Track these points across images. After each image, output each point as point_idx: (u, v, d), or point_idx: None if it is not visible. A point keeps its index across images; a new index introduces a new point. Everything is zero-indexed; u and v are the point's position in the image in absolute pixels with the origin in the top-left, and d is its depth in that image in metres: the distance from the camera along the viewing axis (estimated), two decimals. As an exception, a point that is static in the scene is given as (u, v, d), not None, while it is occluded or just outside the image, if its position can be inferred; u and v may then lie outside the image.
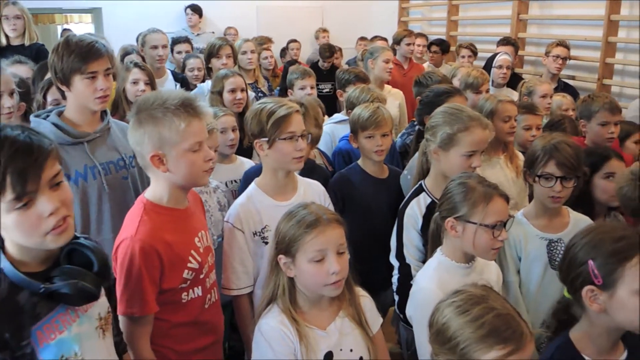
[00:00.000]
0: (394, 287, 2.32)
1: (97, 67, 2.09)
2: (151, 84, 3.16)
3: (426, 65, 5.68)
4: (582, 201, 2.32)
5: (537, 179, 2.15)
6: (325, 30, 7.52)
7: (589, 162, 2.37)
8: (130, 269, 1.66)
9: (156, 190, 1.78)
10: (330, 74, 5.49)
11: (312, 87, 3.54)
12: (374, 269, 2.34)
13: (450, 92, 2.84)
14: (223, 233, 2.50)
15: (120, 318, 1.66)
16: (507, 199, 1.84)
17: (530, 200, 2.34)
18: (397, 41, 5.56)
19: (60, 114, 2.17)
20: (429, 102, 2.72)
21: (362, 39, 7.01)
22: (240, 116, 2.99)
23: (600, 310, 1.42)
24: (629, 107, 3.96)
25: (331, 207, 2.30)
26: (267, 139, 2.09)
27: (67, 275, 1.27)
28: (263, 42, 6.12)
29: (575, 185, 2.15)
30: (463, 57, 5.48)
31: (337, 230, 1.64)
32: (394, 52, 5.04)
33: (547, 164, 2.13)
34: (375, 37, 6.16)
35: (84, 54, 2.05)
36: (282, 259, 1.64)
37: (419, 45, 5.86)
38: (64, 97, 2.22)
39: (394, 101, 3.98)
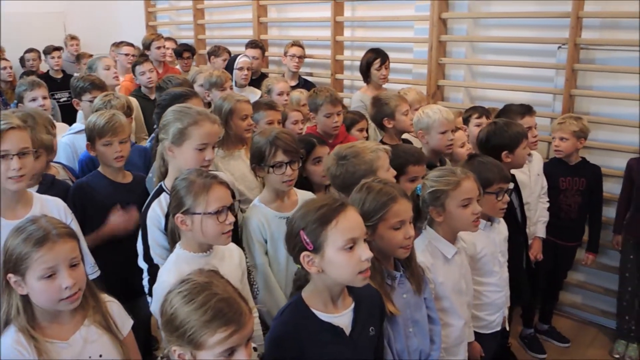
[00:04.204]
0: (146, 289, 2.32)
1: None
2: None
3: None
4: (303, 184, 2.61)
5: (270, 169, 2.35)
6: (74, 38, 7.03)
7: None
8: None
9: None
10: (66, 82, 5.22)
11: (44, 98, 3.33)
12: (131, 275, 2.34)
13: (186, 95, 2.91)
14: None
15: None
16: (227, 185, 1.98)
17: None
18: (147, 46, 5.50)
19: None
20: (166, 106, 2.75)
21: (115, 44, 6.71)
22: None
23: (318, 271, 1.62)
24: (352, 98, 4.47)
25: (74, 223, 2.23)
26: None
27: None
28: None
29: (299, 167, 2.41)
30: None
31: (69, 244, 1.62)
32: (146, 57, 4.94)
33: (276, 153, 2.35)
34: (121, 43, 5.95)
35: None
36: (12, 277, 1.58)
37: (167, 49, 5.86)
38: None
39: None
